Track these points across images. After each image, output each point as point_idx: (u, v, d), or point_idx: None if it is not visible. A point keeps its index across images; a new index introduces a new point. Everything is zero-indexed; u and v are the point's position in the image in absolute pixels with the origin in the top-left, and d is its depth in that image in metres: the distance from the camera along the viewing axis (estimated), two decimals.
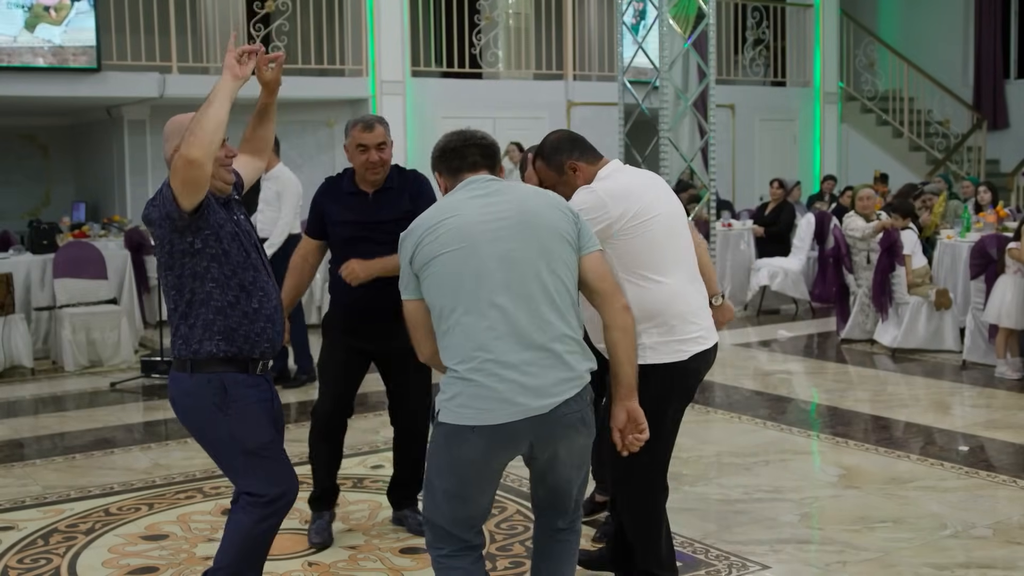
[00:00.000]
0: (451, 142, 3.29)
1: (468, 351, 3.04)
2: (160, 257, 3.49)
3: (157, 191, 3.43)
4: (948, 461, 5.89)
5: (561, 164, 3.74)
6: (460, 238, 3.08)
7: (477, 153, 3.27)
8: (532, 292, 3.06)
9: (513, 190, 3.22)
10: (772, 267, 11.32)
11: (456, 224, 3.10)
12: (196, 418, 3.57)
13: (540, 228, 3.12)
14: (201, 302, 3.47)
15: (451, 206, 3.16)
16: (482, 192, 3.18)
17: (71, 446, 6.52)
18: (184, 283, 3.47)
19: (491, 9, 13.70)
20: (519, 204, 3.15)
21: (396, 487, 4.97)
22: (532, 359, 3.04)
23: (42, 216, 12.62)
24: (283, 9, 12.27)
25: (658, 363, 3.61)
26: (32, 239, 9.45)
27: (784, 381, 8.31)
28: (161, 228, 3.41)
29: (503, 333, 3.03)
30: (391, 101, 12.60)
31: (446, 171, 3.30)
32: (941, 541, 4.69)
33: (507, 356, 3.02)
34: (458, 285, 3.06)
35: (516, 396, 3.02)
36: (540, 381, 3.04)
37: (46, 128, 14.16)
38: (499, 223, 3.10)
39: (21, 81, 10.80)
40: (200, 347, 3.48)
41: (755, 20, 15.36)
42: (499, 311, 3.04)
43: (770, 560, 4.50)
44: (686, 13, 10.78)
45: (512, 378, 3.02)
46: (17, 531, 4.97)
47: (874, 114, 15.95)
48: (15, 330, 8.49)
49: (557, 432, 3.09)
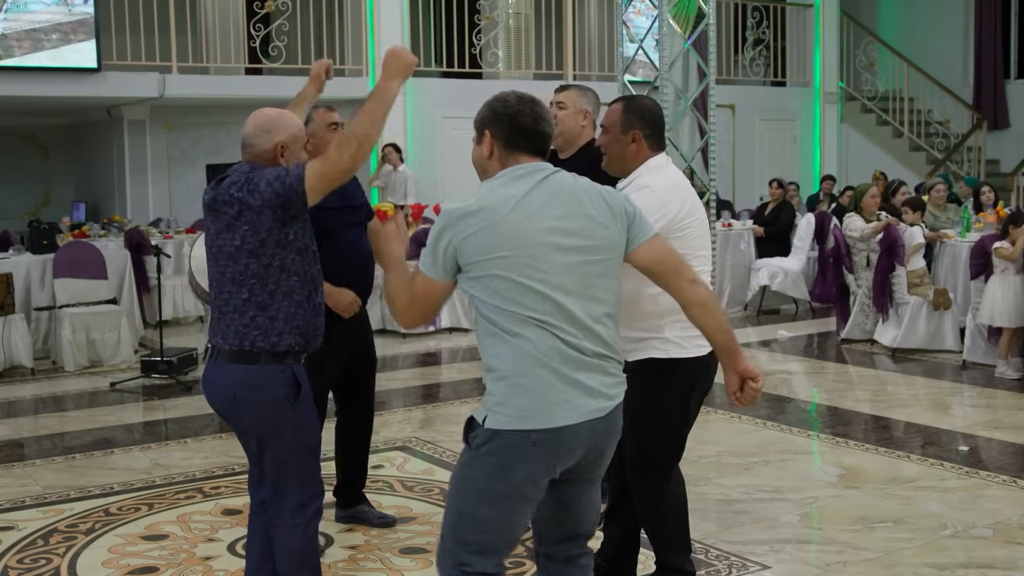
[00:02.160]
0: (524, 117, 2.94)
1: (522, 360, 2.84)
2: (245, 244, 3.36)
3: (245, 177, 3.37)
4: (948, 461, 5.89)
5: (632, 125, 3.74)
6: (519, 243, 2.82)
7: (544, 139, 2.98)
8: (588, 302, 2.88)
9: (576, 191, 2.93)
10: (772, 267, 11.32)
11: (517, 225, 2.83)
12: (262, 411, 3.45)
13: (602, 236, 2.92)
14: (284, 295, 3.43)
15: (509, 199, 2.86)
16: (547, 188, 2.90)
17: (71, 446, 6.51)
18: (270, 273, 3.40)
19: (491, 9, 13.70)
20: (584, 208, 2.90)
21: (346, 487, 4.95)
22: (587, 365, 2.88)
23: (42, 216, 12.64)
24: (283, 9, 12.27)
25: (680, 357, 3.67)
26: (32, 239, 9.45)
27: (784, 381, 8.31)
28: (261, 214, 3.34)
29: (560, 347, 2.83)
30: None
31: (504, 144, 2.95)
32: (941, 541, 4.69)
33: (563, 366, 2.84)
34: (520, 293, 2.82)
35: (575, 399, 2.86)
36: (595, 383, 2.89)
37: (46, 128, 14.16)
38: (563, 229, 2.86)
39: (21, 81, 10.81)
40: (280, 339, 3.42)
41: (755, 20, 15.36)
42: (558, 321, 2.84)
43: (770, 560, 4.50)
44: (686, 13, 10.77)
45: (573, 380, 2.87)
46: (17, 531, 4.97)
47: (874, 114, 15.95)
48: (15, 330, 8.48)
49: (610, 439, 2.98)
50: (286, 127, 3.47)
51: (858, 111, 16.04)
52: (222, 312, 3.45)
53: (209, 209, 3.45)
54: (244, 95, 11.96)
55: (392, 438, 6.52)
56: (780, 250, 11.57)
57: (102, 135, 13.22)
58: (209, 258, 3.49)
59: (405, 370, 8.84)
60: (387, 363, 9.08)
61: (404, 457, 6.09)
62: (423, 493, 5.41)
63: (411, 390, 8.08)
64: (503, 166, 2.94)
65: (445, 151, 12.67)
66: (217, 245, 3.43)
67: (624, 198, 3.06)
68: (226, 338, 3.44)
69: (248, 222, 3.36)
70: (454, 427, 6.73)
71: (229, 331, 3.43)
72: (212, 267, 3.48)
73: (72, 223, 11.13)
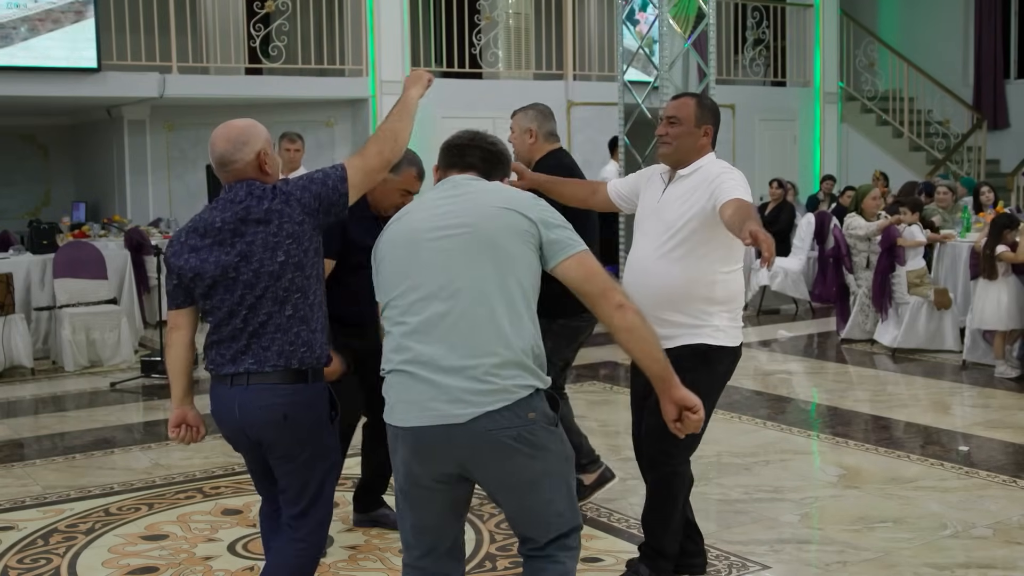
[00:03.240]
0: (459, 139, 3.21)
1: (391, 352, 2.97)
2: (291, 258, 3.25)
3: (266, 190, 3.28)
4: (948, 461, 5.89)
5: (706, 119, 3.99)
6: (405, 240, 3.03)
7: (478, 155, 3.16)
8: (470, 298, 2.88)
9: (477, 191, 3.05)
10: (772, 267, 11.30)
11: (405, 223, 3.07)
12: (312, 430, 3.36)
13: (492, 231, 2.94)
14: (319, 305, 3.36)
15: (411, 206, 3.15)
16: (449, 193, 3.08)
17: (71, 446, 6.52)
18: (311, 284, 3.32)
19: (491, 9, 13.69)
20: (476, 205, 3.00)
21: (367, 491, 4.93)
22: (455, 367, 2.86)
23: (42, 216, 12.63)
24: (283, 9, 12.27)
25: (726, 345, 3.92)
26: (32, 239, 9.45)
27: (784, 381, 8.31)
28: (302, 225, 3.26)
29: (432, 339, 2.88)
30: (391, 101, 12.39)
31: (441, 164, 3.22)
32: (941, 541, 4.69)
33: (433, 360, 2.88)
34: (396, 284, 3.00)
35: (429, 401, 2.88)
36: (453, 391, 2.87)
37: (46, 128, 14.16)
38: (447, 224, 2.97)
39: (21, 81, 10.80)
40: (322, 352, 3.36)
41: (755, 20, 15.35)
42: (432, 315, 2.90)
43: (770, 560, 4.50)
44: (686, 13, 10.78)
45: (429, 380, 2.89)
46: (17, 531, 4.97)
47: (874, 114, 15.94)
48: (15, 330, 8.48)
49: (484, 450, 2.89)
50: (259, 133, 3.37)
51: (858, 111, 16.04)
52: (256, 336, 3.28)
53: (233, 234, 3.26)
54: (244, 95, 11.96)
55: None
56: (780, 250, 11.55)
57: (102, 135, 13.21)
58: (226, 286, 3.28)
59: None
60: None
61: None
62: None
63: None
64: None
65: None
66: (251, 269, 3.24)
67: (527, 202, 3.04)
68: (264, 360, 3.28)
69: (291, 234, 3.25)
70: None
71: (269, 352, 3.27)
72: (235, 294, 3.27)
73: (72, 223, 11.12)
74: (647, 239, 4.00)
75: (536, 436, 2.89)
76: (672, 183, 4.02)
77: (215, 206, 3.34)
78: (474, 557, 4.53)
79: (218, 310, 3.30)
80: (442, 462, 2.91)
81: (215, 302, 3.30)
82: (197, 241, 3.30)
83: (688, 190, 3.92)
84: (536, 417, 2.88)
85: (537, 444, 2.90)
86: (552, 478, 2.97)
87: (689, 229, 3.88)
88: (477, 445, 2.86)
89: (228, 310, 3.28)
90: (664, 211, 3.95)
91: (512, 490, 2.97)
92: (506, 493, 2.99)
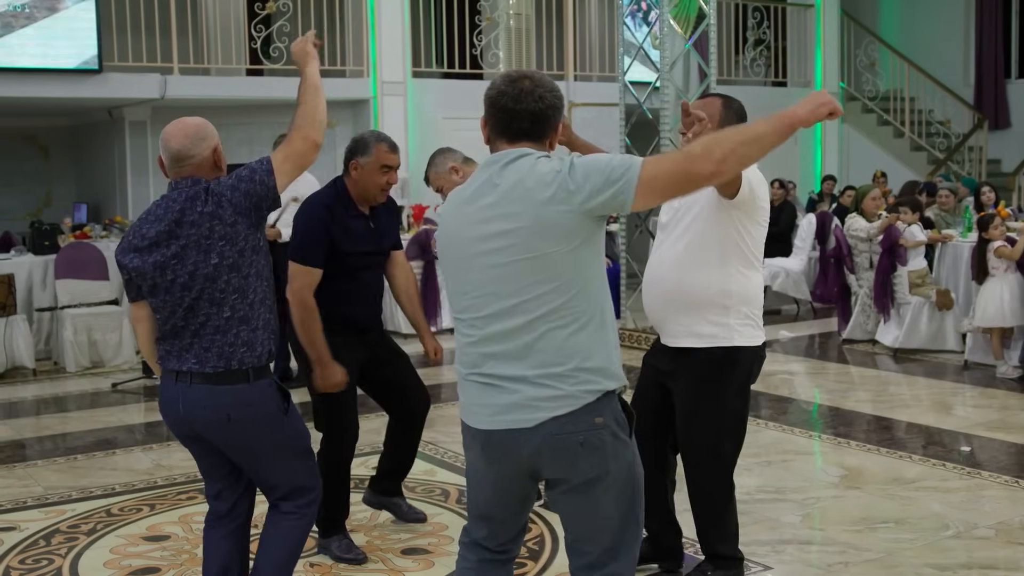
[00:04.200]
0: (504, 97, 2.80)
1: (461, 358, 2.89)
2: (224, 260, 3.25)
3: (198, 191, 3.26)
4: (950, 461, 5.89)
5: (731, 120, 3.92)
6: (456, 253, 2.85)
7: (527, 121, 2.80)
8: (529, 314, 2.75)
9: (520, 181, 2.75)
10: (773, 267, 11.31)
11: (453, 225, 2.86)
12: (258, 428, 3.39)
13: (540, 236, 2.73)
14: (260, 302, 3.36)
15: (459, 194, 2.88)
16: (493, 181, 2.79)
17: (73, 447, 6.52)
18: (249, 284, 3.32)
19: (492, 10, 13.70)
20: (523, 205, 2.73)
21: (387, 476, 4.93)
22: (521, 376, 2.78)
23: (43, 217, 12.62)
24: (284, 10, 12.27)
25: (743, 346, 3.92)
26: (34, 240, 9.46)
27: (786, 381, 8.31)
28: (234, 226, 3.25)
29: (497, 353, 2.79)
30: (392, 102, 12.60)
31: (489, 125, 2.87)
32: (943, 542, 4.68)
33: (500, 371, 2.80)
34: (456, 298, 2.88)
35: (498, 407, 2.81)
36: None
37: (47, 129, 14.15)
38: (493, 233, 2.76)
39: (22, 82, 10.79)
40: (263, 350, 3.37)
41: (756, 20, 15.35)
42: (494, 332, 2.79)
43: (771, 561, 4.49)
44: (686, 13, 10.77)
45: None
46: (19, 532, 4.97)
47: (875, 114, 15.94)
48: (17, 331, 8.49)
49: (549, 454, 2.80)
50: (213, 130, 3.40)
51: (859, 111, 16.03)
52: (196, 336, 3.30)
53: (169, 236, 3.26)
54: (245, 96, 11.96)
55: None
56: (781, 250, 11.56)
57: (103, 136, 13.21)
58: (165, 288, 3.29)
59: None
60: None
61: None
62: (424, 494, 5.40)
63: None
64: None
65: None
66: (187, 272, 3.25)
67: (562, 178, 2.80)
68: (205, 361, 3.30)
69: (223, 236, 3.25)
70: (455, 428, 6.72)
71: (209, 353, 3.30)
72: (175, 295, 3.28)
73: (73, 224, 11.11)
74: (664, 240, 4.04)
75: (603, 442, 2.80)
76: None
77: (159, 203, 3.35)
78: None
79: (161, 309, 3.35)
80: (510, 464, 2.85)
81: (157, 301, 3.35)
82: (139, 241, 3.33)
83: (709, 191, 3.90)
84: (604, 422, 2.80)
85: (601, 450, 2.80)
86: (612, 491, 2.83)
87: (699, 228, 3.89)
88: (543, 449, 2.78)
89: (169, 309, 3.33)
90: (679, 211, 3.98)
91: (571, 495, 2.85)
92: (565, 499, 2.88)
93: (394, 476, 4.93)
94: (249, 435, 3.38)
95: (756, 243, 3.92)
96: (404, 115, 12.68)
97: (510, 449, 2.82)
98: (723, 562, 4.12)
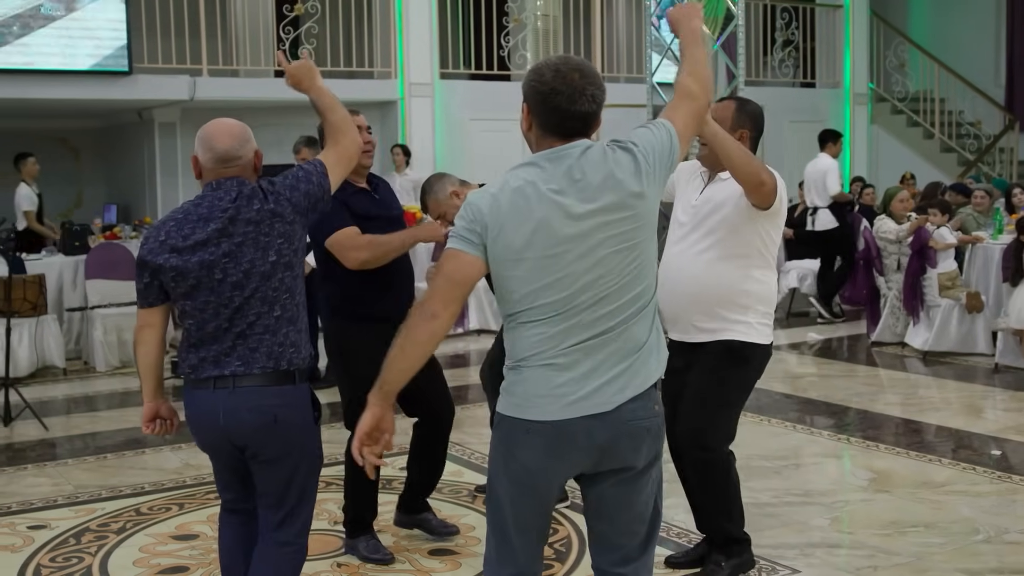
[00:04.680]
0: (559, 97, 2.71)
1: (527, 350, 2.76)
2: (282, 258, 3.24)
3: (254, 189, 3.25)
4: (980, 465, 5.84)
5: (743, 124, 4.05)
6: (549, 243, 2.69)
7: (580, 120, 2.74)
8: (614, 303, 2.74)
9: (606, 178, 2.72)
10: (802, 269, 11.26)
11: (543, 224, 2.69)
12: (295, 434, 3.32)
13: (645, 218, 2.76)
14: (302, 304, 3.34)
15: (537, 196, 2.70)
16: (571, 176, 2.72)
17: (102, 446, 6.57)
18: (298, 284, 3.30)
19: (519, 11, 13.70)
20: (615, 199, 2.72)
21: (414, 491, 4.84)
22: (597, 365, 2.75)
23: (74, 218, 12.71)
24: (312, 12, 12.32)
25: (757, 343, 4.03)
26: (64, 240, 9.54)
27: (814, 384, 8.26)
28: (293, 225, 3.25)
29: (576, 345, 2.73)
30: (420, 103, 12.63)
31: (537, 122, 2.78)
32: (973, 546, 4.65)
33: (577, 363, 2.75)
34: (544, 286, 2.72)
35: (573, 395, 2.74)
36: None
37: (78, 131, 14.26)
38: (590, 225, 2.71)
39: (53, 84, 10.89)
40: (306, 353, 3.33)
41: (784, 21, 15.29)
42: (575, 324, 2.72)
43: (800, 564, 4.47)
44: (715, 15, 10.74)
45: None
46: (49, 530, 5.01)
47: (904, 115, 15.83)
48: (47, 331, 8.56)
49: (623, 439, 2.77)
50: (251, 133, 3.39)
51: (888, 112, 15.93)
52: (242, 337, 3.23)
53: (220, 234, 3.20)
54: (273, 97, 11.99)
55: None
56: (810, 252, 11.51)
57: (133, 137, 13.30)
58: (210, 287, 3.21)
59: None
60: None
61: None
62: (452, 495, 5.41)
63: None
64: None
65: (474, 153, 12.67)
66: (241, 270, 3.20)
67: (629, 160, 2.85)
68: (252, 362, 3.23)
69: (283, 234, 3.23)
70: (483, 429, 6.73)
71: (257, 354, 3.23)
72: (222, 295, 3.21)
73: (104, 225, 11.20)
74: (684, 238, 4.08)
75: (660, 428, 2.83)
76: (710, 184, 4.09)
77: (199, 203, 3.26)
78: None
79: (201, 311, 3.24)
80: (583, 452, 2.76)
81: (197, 303, 3.23)
82: (180, 241, 3.22)
83: (725, 193, 3.97)
84: (659, 408, 2.83)
85: (659, 437, 2.83)
86: (655, 479, 2.87)
87: (724, 232, 3.98)
88: (617, 434, 2.75)
89: (212, 311, 3.23)
90: (701, 211, 4.03)
91: (622, 486, 2.83)
92: (614, 491, 2.84)
93: (422, 490, 4.84)
94: (287, 440, 3.30)
95: (774, 245, 4.08)
96: (432, 117, 12.70)
97: (585, 436, 2.74)
98: (734, 547, 4.23)
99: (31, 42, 10.69)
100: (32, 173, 11.15)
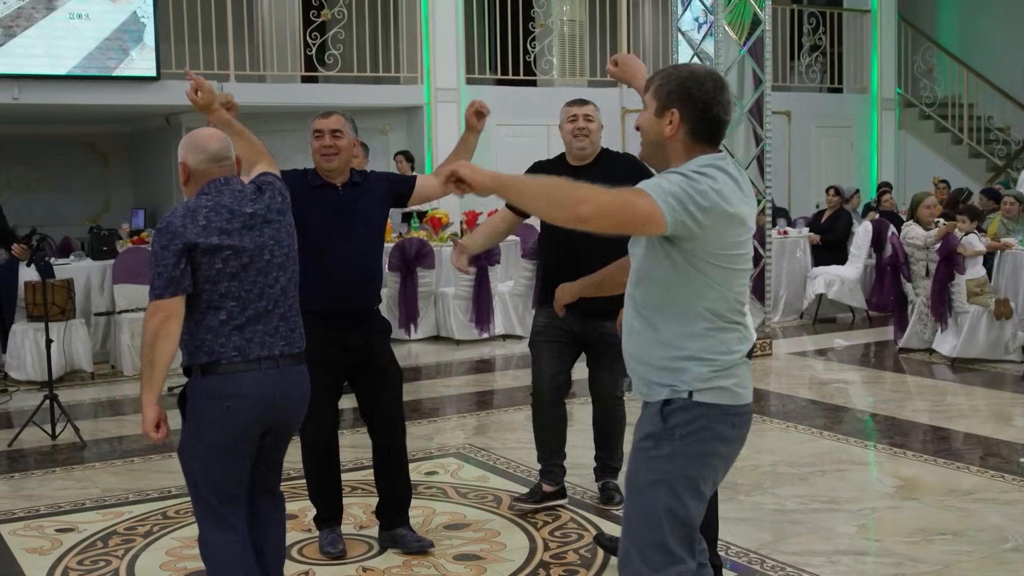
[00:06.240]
0: (719, 108, 2.87)
1: (740, 343, 2.92)
2: (292, 251, 3.55)
3: (261, 185, 3.53)
4: (1009, 473, 5.80)
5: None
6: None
7: (725, 130, 2.94)
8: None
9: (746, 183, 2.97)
10: (828, 275, 11.22)
11: (736, 205, 2.82)
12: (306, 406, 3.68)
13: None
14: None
15: (734, 192, 2.83)
16: (734, 178, 2.86)
17: (130, 449, 6.60)
18: (300, 269, 3.65)
19: (545, 16, 13.71)
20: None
21: (385, 506, 4.72)
22: None
23: (102, 222, 12.81)
24: (339, 18, 12.37)
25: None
26: (92, 245, 9.60)
27: (841, 390, 8.22)
28: (290, 218, 3.57)
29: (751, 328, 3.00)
30: (446, 108, 12.65)
31: (692, 133, 2.84)
32: (1002, 554, 4.61)
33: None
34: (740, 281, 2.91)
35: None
36: None
37: (106, 136, 14.38)
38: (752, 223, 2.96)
39: (82, 90, 10.98)
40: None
41: (811, 26, 15.24)
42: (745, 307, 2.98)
43: (826, 571, 4.45)
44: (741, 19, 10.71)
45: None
46: (77, 533, 5.04)
47: (932, 120, 15.74)
48: (75, 335, 8.62)
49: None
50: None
51: (916, 117, 15.85)
52: (284, 319, 3.48)
53: (263, 221, 3.43)
54: (300, 103, 12.06)
55: (446, 444, 6.54)
56: (837, 258, 11.46)
57: (160, 142, 13.39)
58: (259, 269, 3.40)
59: (459, 377, 8.86)
60: (441, 370, 9.12)
61: (458, 464, 6.10)
62: (477, 500, 5.41)
63: (465, 397, 8.10)
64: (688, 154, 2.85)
65: (499, 158, 12.67)
66: (283, 252, 3.48)
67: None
68: (293, 342, 3.51)
69: (288, 225, 3.55)
70: (508, 434, 6.74)
71: (295, 334, 3.53)
72: (269, 276, 3.42)
73: (131, 229, 11.27)
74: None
75: None
76: None
77: (220, 194, 3.39)
78: (528, 565, 4.53)
79: (248, 292, 3.38)
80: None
81: (245, 284, 3.37)
82: (224, 223, 3.34)
83: None
84: None
85: None
86: None
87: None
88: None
89: (258, 291, 3.41)
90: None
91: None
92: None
93: (392, 506, 4.72)
94: (304, 413, 3.65)
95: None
96: (458, 122, 12.69)
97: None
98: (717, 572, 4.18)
99: (59, 47, 10.78)
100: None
